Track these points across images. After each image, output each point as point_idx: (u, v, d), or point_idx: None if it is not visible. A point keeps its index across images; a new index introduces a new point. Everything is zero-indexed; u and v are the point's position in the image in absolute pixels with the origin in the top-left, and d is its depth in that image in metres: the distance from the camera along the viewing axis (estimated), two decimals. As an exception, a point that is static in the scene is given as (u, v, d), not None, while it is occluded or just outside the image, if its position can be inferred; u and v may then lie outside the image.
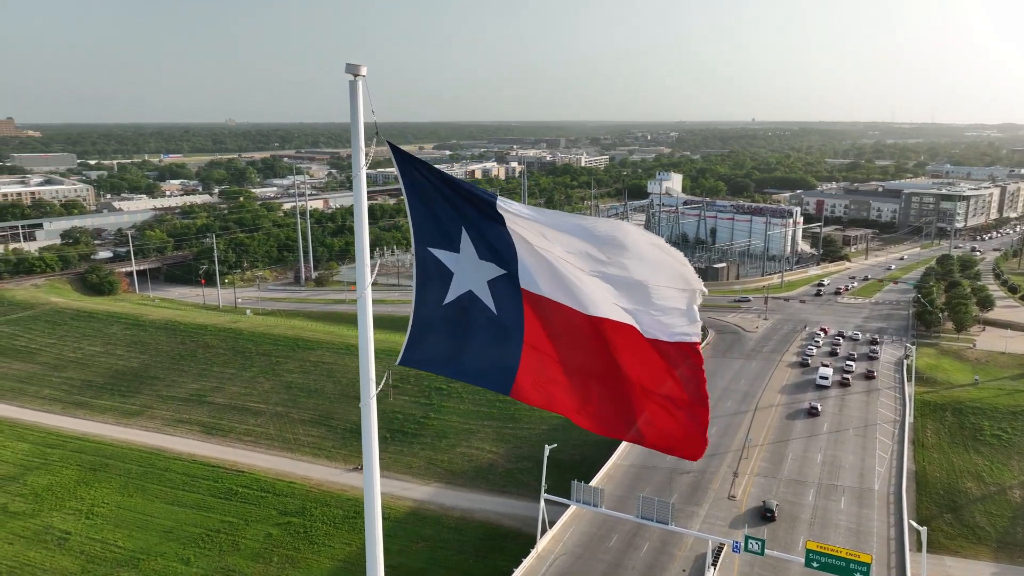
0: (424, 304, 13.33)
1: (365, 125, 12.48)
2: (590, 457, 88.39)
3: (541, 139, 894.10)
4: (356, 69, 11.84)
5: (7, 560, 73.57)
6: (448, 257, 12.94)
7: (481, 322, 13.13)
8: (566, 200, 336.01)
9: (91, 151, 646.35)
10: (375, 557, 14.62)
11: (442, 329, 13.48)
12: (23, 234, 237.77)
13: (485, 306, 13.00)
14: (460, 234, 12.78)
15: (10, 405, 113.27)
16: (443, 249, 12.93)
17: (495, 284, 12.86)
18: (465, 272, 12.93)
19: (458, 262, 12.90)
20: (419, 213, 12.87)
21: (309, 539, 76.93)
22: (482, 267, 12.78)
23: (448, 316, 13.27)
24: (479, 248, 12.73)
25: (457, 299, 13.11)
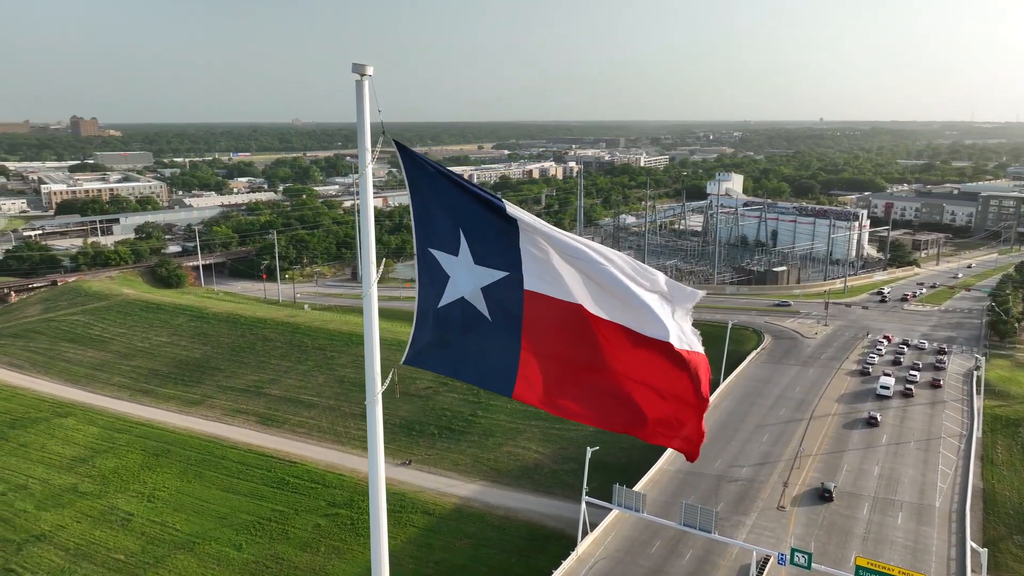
0: (425, 305, 13.43)
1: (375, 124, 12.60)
2: (636, 461, 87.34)
3: (601, 139, 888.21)
4: (362, 69, 11.99)
5: (75, 537, 77.54)
6: (446, 259, 12.98)
7: (476, 327, 13.13)
8: (623, 200, 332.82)
9: (166, 150, 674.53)
10: (379, 555, 14.79)
11: (441, 330, 13.56)
12: (101, 228, 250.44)
13: (478, 312, 13.00)
14: (459, 238, 12.80)
15: (83, 390, 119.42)
16: (442, 251, 12.98)
17: (490, 290, 12.81)
18: (460, 277, 12.94)
19: (455, 266, 12.91)
20: (421, 213, 12.94)
21: (355, 531, 78.39)
22: (477, 272, 12.75)
23: (445, 318, 13.33)
24: (476, 253, 12.71)
25: (451, 303, 13.14)
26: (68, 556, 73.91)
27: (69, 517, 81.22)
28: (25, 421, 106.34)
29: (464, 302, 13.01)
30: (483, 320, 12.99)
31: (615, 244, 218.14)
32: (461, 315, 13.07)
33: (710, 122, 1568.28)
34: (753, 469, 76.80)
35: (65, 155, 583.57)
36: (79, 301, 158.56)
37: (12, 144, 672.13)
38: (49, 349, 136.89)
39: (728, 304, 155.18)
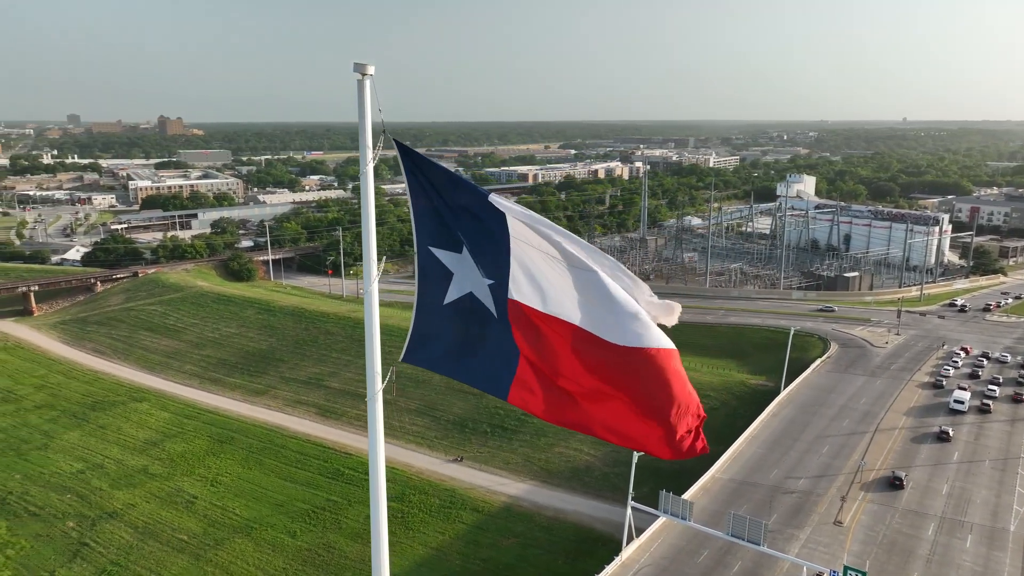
0: (424, 303, 13.51)
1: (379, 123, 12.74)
2: (689, 468, 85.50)
3: (669, 139, 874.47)
4: (363, 68, 12.18)
5: (144, 516, 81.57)
6: (449, 257, 13.03)
7: (481, 325, 13.14)
8: (689, 201, 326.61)
9: (244, 148, 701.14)
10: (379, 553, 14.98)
11: (442, 329, 13.62)
12: (180, 223, 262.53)
13: (486, 308, 13.00)
14: (459, 235, 12.86)
15: (157, 377, 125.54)
16: (444, 249, 13.03)
17: (487, 289, 12.85)
18: (466, 273, 12.99)
19: (459, 263, 12.97)
20: (421, 212, 13.04)
21: (405, 524, 79.65)
22: (478, 271, 12.81)
23: (448, 316, 13.37)
24: (474, 253, 12.76)
25: (457, 300, 13.19)
26: (136, 534, 77.82)
27: (139, 497, 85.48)
28: (105, 404, 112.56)
29: (472, 297, 13.02)
30: (490, 317, 12.99)
31: (678, 246, 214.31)
32: (469, 311, 13.09)
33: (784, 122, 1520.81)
34: (810, 481, 74.12)
35: (152, 153, 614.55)
36: (157, 292, 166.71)
37: (106, 143, 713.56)
38: (129, 337, 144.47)
39: (766, 308, 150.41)
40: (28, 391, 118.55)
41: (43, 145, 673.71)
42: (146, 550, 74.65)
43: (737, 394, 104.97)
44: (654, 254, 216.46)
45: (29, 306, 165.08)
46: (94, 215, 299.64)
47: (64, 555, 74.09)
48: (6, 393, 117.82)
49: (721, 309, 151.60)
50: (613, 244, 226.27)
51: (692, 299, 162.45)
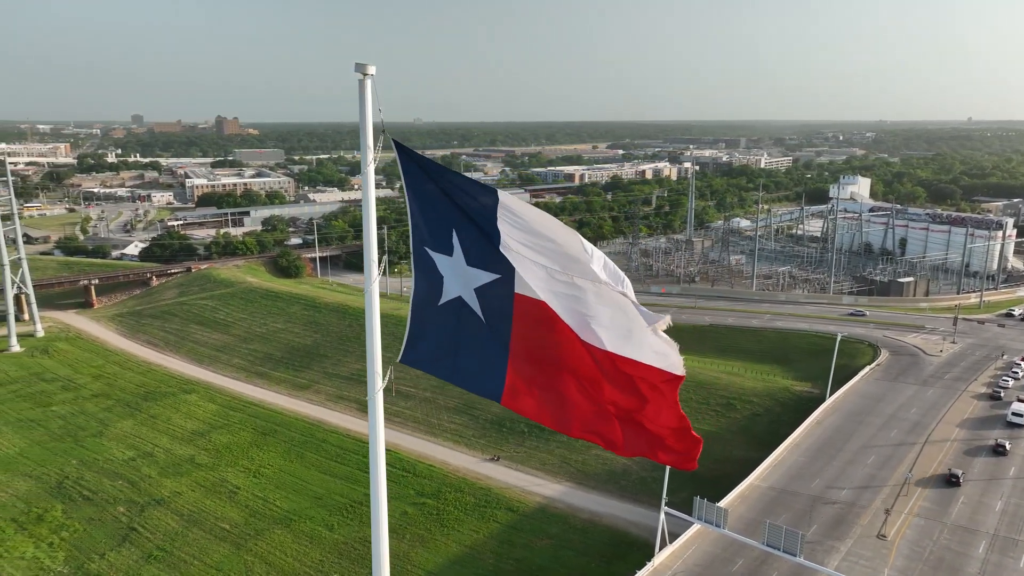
0: (420, 304, 13.60)
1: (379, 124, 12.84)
2: (730, 474, 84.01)
3: (720, 139, 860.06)
4: (364, 69, 12.33)
5: (189, 505, 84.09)
6: (441, 260, 13.10)
7: (471, 328, 13.18)
8: (738, 203, 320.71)
9: (297, 147, 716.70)
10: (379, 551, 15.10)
11: (436, 331, 13.70)
12: (233, 220, 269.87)
13: (474, 312, 13.03)
14: (452, 238, 12.89)
15: (206, 370, 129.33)
16: (437, 252, 13.09)
17: (484, 291, 12.84)
18: (455, 277, 13.03)
19: (449, 266, 13.02)
20: (417, 213, 13.13)
21: (441, 521, 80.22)
22: (470, 273, 12.81)
23: (441, 319, 13.45)
24: (469, 254, 12.76)
25: (448, 303, 13.25)
26: (182, 521, 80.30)
27: (185, 485, 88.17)
28: (156, 395, 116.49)
29: (460, 302, 13.09)
30: (478, 321, 13.03)
31: (724, 248, 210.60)
32: (457, 315, 13.17)
33: (841, 122, 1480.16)
34: (854, 492, 71.89)
35: (209, 152, 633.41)
36: (208, 287, 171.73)
37: (166, 142, 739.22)
38: (180, 330, 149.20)
39: (814, 313, 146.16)
40: (86, 380, 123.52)
41: (108, 144, 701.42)
42: (190, 537, 76.96)
43: (781, 400, 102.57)
44: (700, 256, 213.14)
45: (90, 298, 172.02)
46: (153, 212, 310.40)
47: (114, 539, 76.93)
48: (66, 382, 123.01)
49: (767, 313, 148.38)
50: (658, 245, 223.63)
51: (737, 302, 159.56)
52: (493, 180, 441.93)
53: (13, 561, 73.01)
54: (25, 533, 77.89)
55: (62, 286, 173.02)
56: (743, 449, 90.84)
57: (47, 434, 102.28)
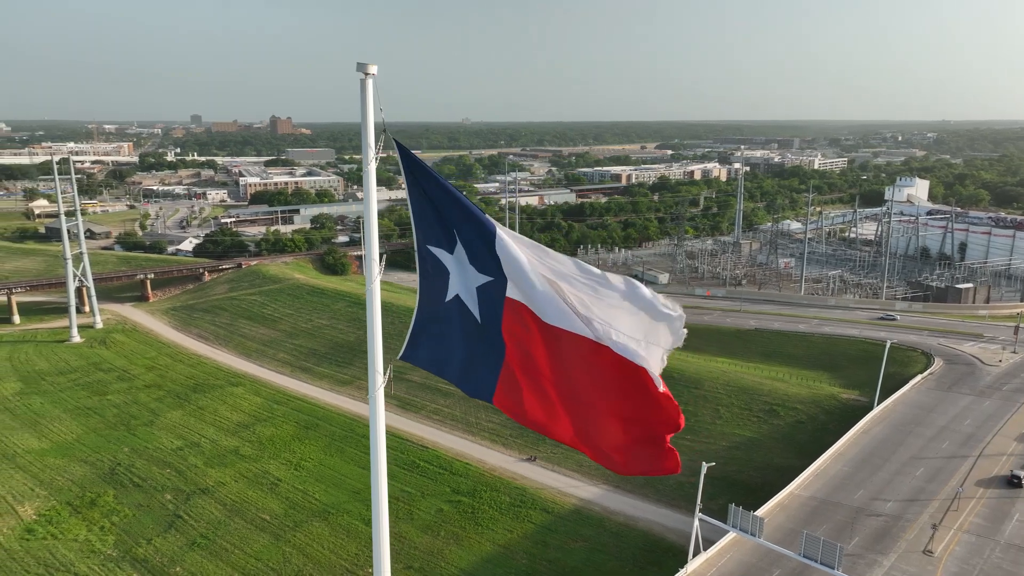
0: (425, 302, 13.69)
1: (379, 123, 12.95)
2: (771, 482, 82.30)
3: (772, 139, 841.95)
4: (366, 68, 12.46)
5: (232, 495, 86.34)
6: (445, 256, 13.17)
7: (468, 328, 13.22)
8: (789, 204, 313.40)
9: (347, 147, 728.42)
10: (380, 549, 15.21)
11: (438, 329, 13.76)
12: (283, 218, 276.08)
13: (470, 312, 13.06)
14: (454, 235, 12.97)
15: (253, 363, 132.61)
16: (440, 248, 13.18)
17: (483, 290, 12.87)
18: (457, 274, 13.09)
19: (452, 263, 13.10)
20: (420, 211, 13.24)
21: (475, 520, 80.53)
22: (471, 271, 12.85)
23: (445, 316, 13.51)
24: (470, 253, 12.82)
25: (452, 300, 13.32)
26: (225, 510, 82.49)
27: (229, 476, 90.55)
28: (205, 387, 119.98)
29: (459, 300, 13.14)
30: (474, 321, 13.05)
31: (772, 250, 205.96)
32: (457, 314, 13.22)
33: (900, 122, 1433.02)
34: (900, 505, 69.47)
35: (263, 151, 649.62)
36: (258, 283, 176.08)
37: (223, 141, 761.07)
38: (230, 324, 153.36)
39: (865, 319, 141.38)
40: (140, 371, 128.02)
41: (168, 144, 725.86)
42: (232, 526, 79.00)
43: (826, 408, 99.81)
44: (747, 258, 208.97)
45: (146, 292, 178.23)
46: (207, 209, 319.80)
47: (160, 525, 79.51)
48: (122, 372, 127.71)
49: (816, 318, 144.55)
50: (704, 247, 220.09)
51: (785, 306, 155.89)
52: (540, 179, 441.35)
53: (67, 543, 76.14)
54: (79, 516, 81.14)
55: (120, 280, 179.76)
56: (785, 457, 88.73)
57: (102, 422, 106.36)
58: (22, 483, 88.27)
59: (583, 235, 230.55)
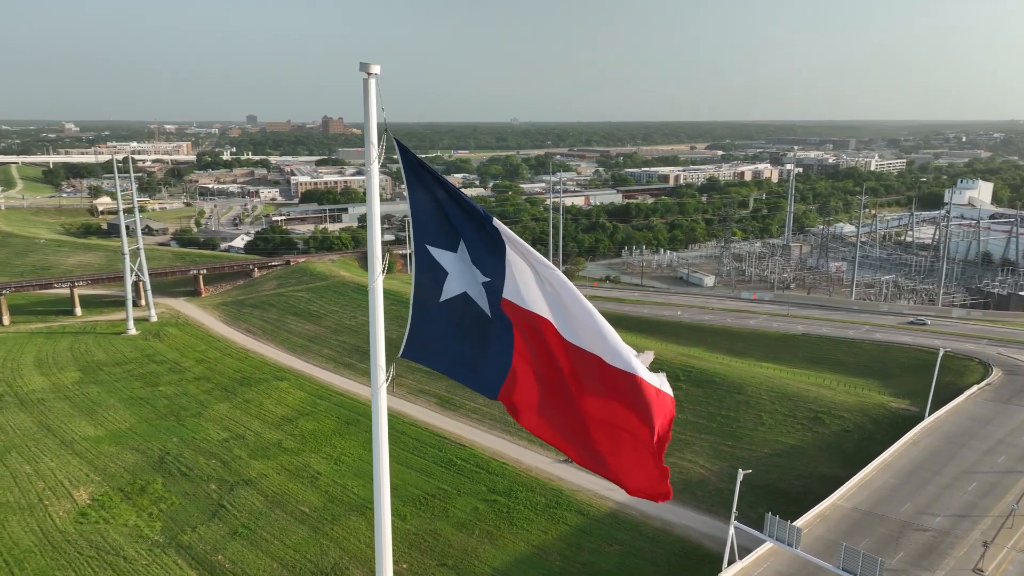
0: (421, 300, 13.79)
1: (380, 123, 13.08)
2: (813, 491, 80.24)
3: (827, 140, 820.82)
4: (368, 68, 12.62)
5: (274, 486, 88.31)
6: (445, 256, 13.25)
7: (475, 324, 13.26)
8: (843, 207, 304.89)
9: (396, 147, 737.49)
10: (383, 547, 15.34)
11: (437, 326, 13.85)
12: (331, 216, 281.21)
13: (480, 308, 13.10)
14: (457, 235, 13.03)
15: (299, 359, 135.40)
16: (441, 248, 13.24)
17: (483, 288, 12.93)
18: (461, 273, 13.14)
19: (455, 262, 13.15)
20: (420, 211, 13.35)
21: (510, 519, 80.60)
22: (474, 270, 12.91)
23: (443, 314, 13.59)
24: (472, 252, 12.87)
25: (452, 299, 13.37)
26: (266, 502, 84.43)
27: (272, 468, 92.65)
28: (251, 381, 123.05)
29: (467, 297, 13.18)
30: (483, 317, 13.07)
31: (823, 254, 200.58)
32: (462, 311, 13.25)
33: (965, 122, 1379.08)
34: (949, 520, 66.81)
35: (315, 150, 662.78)
36: (305, 280, 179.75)
37: (276, 141, 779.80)
38: (277, 320, 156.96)
39: (901, 324, 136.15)
40: (190, 364, 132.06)
41: (224, 143, 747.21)
42: (272, 517, 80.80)
43: (874, 417, 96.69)
44: (797, 262, 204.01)
45: (198, 287, 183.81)
46: (259, 207, 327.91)
47: (205, 514, 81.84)
48: (173, 364, 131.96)
49: (866, 324, 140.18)
50: (752, 250, 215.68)
51: (834, 311, 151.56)
52: (586, 180, 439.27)
53: (117, 527, 79.02)
54: (129, 502, 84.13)
55: (174, 275, 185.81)
56: (829, 466, 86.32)
57: (153, 412, 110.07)
58: (78, 468, 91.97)
59: (628, 236, 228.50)
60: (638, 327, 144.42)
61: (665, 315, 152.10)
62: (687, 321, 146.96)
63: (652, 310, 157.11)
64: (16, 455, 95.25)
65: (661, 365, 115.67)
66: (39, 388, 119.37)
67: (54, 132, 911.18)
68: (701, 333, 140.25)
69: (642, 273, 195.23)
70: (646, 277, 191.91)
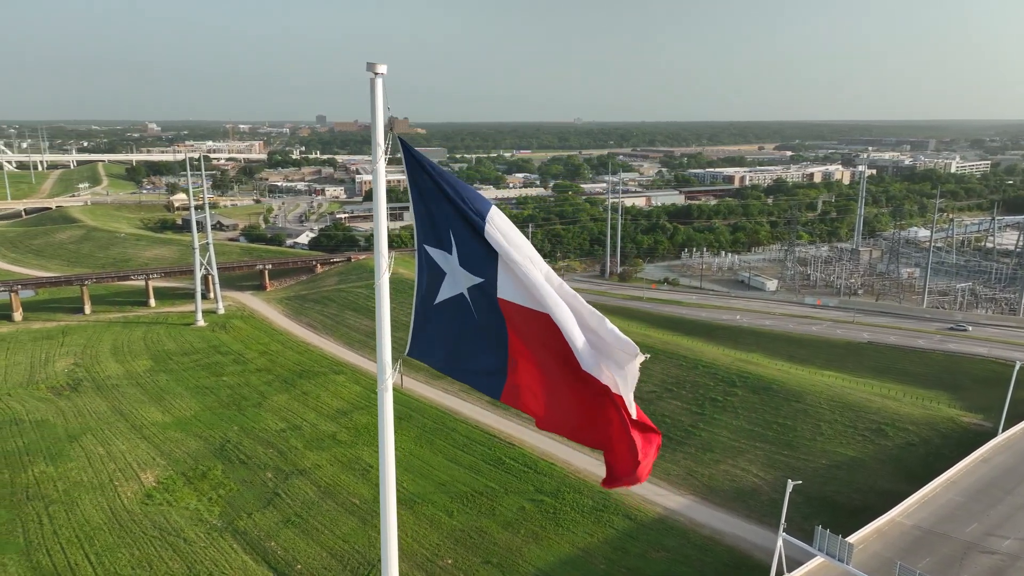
0: (421, 301, 13.96)
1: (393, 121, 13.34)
2: (872, 506, 77.11)
3: (904, 140, 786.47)
4: (375, 68, 12.86)
5: (327, 477, 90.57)
6: (441, 256, 13.39)
7: (469, 326, 13.35)
8: (918, 211, 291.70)
9: (459, 146, 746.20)
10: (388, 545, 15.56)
11: (436, 327, 14.00)
12: (393, 214, 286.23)
13: (471, 311, 13.19)
14: (450, 236, 13.14)
15: (355, 353, 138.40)
16: (438, 248, 13.38)
17: (473, 292, 12.98)
18: (454, 274, 13.24)
19: (449, 263, 13.27)
20: (419, 211, 13.53)
21: (556, 520, 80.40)
22: (463, 273, 12.98)
23: (440, 315, 13.72)
24: (461, 255, 12.96)
25: (447, 300, 13.49)
26: (319, 492, 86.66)
27: (325, 460, 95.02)
28: (309, 374, 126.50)
29: (462, 298, 13.30)
30: (473, 320, 13.17)
31: (894, 259, 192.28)
32: (458, 312, 13.37)
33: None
34: (1020, 544, 63.17)
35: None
36: (364, 276, 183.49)
37: (344, 140, 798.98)
38: (337, 315, 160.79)
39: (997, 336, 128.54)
40: (253, 356, 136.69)
41: (294, 142, 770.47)
42: (324, 507, 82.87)
43: (943, 431, 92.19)
44: (866, 267, 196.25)
45: (264, 282, 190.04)
46: (325, 205, 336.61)
47: (261, 501, 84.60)
48: (237, 355, 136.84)
49: (938, 334, 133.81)
50: (819, 254, 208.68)
51: (904, 319, 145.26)
52: (648, 180, 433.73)
53: (179, 510, 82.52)
54: (191, 487, 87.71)
55: (241, 269, 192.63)
56: (890, 481, 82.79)
57: (217, 401, 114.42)
58: (146, 452, 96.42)
59: (688, 238, 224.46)
60: (695, 330, 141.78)
61: (723, 319, 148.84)
62: (746, 326, 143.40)
63: (710, 314, 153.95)
64: (91, 437, 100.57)
65: (717, 371, 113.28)
66: (114, 375, 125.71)
67: (138, 132, 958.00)
68: (760, 338, 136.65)
69: (701, 276, 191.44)
70: (706, 280, 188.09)
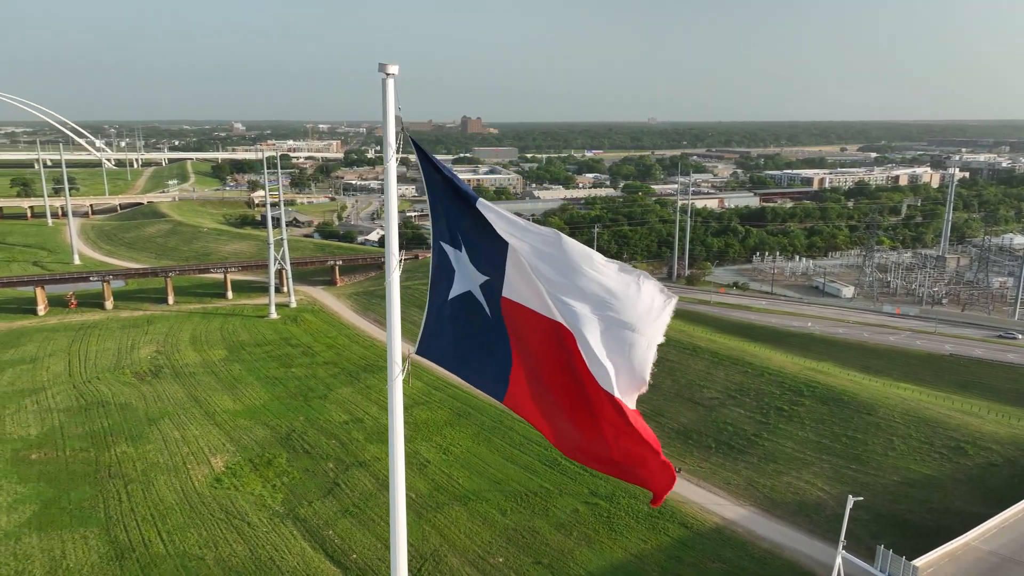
0: (434, 297, 14.08)
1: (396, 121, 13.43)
2: (947, 527, 72.95)
3: (1003, 141, 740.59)
4: (386, 68, 13.05)
5: (385, 470, 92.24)
6: (453, 254, 13.47)
7: (479, 325, 13.37)
8: (1015, 216, 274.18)
9: (531, 146, 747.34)
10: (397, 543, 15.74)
11: (447, 325, 14.08)
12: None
13: (483, 309, 13.19)
14: (458, 234, 13.23)
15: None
16: (451, 246, 13.49)
17: (481, 290, 12.99)
18: (466, 272, 13.29)
19: (459, 260, 13.34)
20: (434, 209, 13.68)
21: (610, 525, 79.53)
22: (472, 271, 13.02)
23: (451, 313, 13.79)
24: (470, 252, 13.00)
25: (458, 296, 13.57)
26: (376, 484, 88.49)
27: (385, 452, 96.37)
28: (373, 368, 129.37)
29: (471, 296, 13.33)
30: (485, 318, 13.16)
31: (983, 267, 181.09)
32: (467, 311, 13.41)
33: None
34: (1111, 577, 58.53)
35: (452, 149, 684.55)
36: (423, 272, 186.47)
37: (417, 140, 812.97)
38: (402, 312, 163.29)
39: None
40: (321, 348, 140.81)
41: (370, 142, 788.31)
42: (381, 499, 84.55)
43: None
44: (952, 275, 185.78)
45: (334, 277, 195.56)
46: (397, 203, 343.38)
47: (321, 490, 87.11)
48: (306, 348, 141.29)
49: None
50: (900, 260, 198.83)
51: (990, 330, 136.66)
52: (722, 182, 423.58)
53: (245, 495, 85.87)
54: (257, 473, 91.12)
55: (313, 265, 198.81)
56: (968, 502, 78.10)
57: (285, 391, 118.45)
58: (217, 438, 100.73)
59: (761, 241, 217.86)
60: (763, 337, 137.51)
61: (794, 326, 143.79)
62: (818, 333, 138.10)
63: (780, 320, 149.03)
64: (168, 421, 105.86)
65: (784, 379, 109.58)
66: (192, 363, 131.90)
67: (224, 131, 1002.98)
68: (832, 347, 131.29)
69: (773, 280, 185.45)
70: (777, 285, 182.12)
